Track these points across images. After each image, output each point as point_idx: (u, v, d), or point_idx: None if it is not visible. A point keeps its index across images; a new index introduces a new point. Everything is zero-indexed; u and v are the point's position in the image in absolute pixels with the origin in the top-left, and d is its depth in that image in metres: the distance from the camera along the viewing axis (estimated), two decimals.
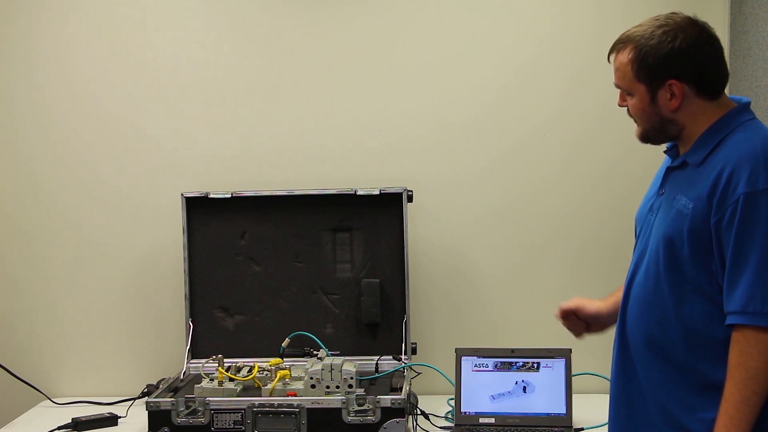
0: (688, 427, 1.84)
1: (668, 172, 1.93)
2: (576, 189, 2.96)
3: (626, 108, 1.94)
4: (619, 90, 1.94)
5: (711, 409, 1.79)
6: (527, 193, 2.99)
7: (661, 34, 1.83)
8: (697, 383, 1.83)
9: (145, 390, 2.91)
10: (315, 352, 2.76)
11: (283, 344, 2.76)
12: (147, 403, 2.53)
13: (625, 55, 1.87)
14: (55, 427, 2.67)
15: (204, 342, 2.91)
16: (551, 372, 2.60)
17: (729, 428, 1.74)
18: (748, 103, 1.88)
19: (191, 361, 2.88)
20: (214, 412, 2.50)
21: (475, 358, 2.64)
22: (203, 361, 2.77)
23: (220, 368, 2.64)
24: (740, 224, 1.73)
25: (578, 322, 2.16)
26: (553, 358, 2.60)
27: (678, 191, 1.86)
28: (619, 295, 2.05)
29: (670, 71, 1.82)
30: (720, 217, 1.75)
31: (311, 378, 2.57)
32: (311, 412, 2.49)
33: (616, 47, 1.90)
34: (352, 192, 2.88)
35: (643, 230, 1.95)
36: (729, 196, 1.75)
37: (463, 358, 2.64)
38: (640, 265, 1.92)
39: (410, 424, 2.57)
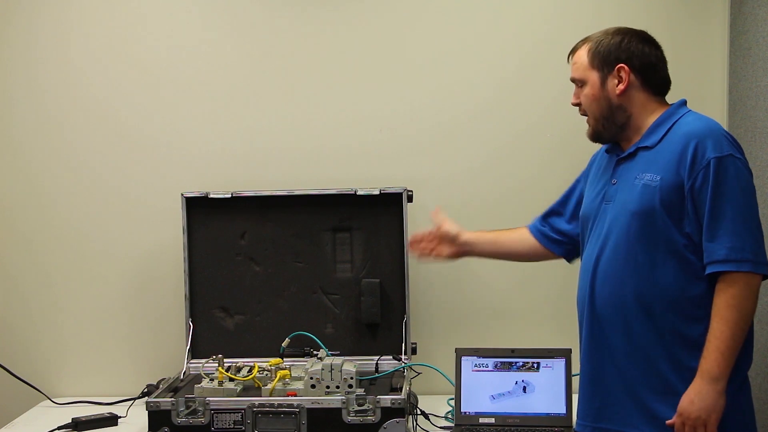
0: (675, 387, 2.01)
1: (618, 163, 2.15)
2: None
3: (579, 107, 2.18)
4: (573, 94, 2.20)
5: (696, 360, 1.99)
6: (527, 192, 2.99)
7: (615, 33, 2.14)
8: (677, 341, 2.02)
9: (145, 390, 2.91)
10: (315, 352, 2.76)
11: (283, 344, 2.76)
12: (147, 403, 2.53)
13: (583, 50, 2.15)
14: (55, 427, 2.67)
15: (204, 342, 2.91)
16: (551, 372, 2.60)
17: (720, 363, 1.94)
18: (685, 101, 2.16)
19: (191, 361, 2.88)
20: (214, 412, 2.50)
21: (475, 358, 2.64)
22: (203, 361, 2.77)
23: (220, 368, 2.64)
24: (714, 184, 1.96)
25: (430, 242, 2.49)
26: (553, 358, 2.60)
27: (638, 171, 2.07)
28: (490, 236, 2.49)
29: (620, 57, 2.10)
30: (693, 181, 1.98)
31: (311, 378, 2.57)
32: (311, 412, 2.49)
33: (576, 47, 2.18)
34: (352, 192, 2.88)
35: (597, 220, 2.15)
36: (698, 162, 1.97)
37: (463, 358, 2.64)
38: (605, 247, 2.10)
39: (410, 424, 2.57)
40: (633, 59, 2.09)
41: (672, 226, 2.00)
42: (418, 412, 2.68)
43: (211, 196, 2.89)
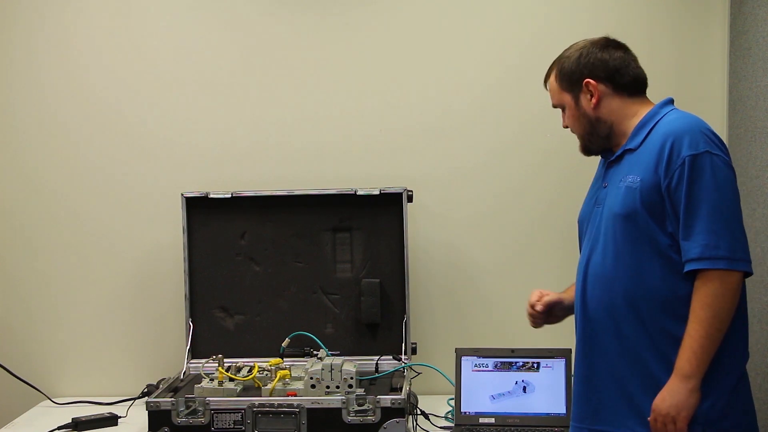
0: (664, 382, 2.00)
1: (608, 167, 2.16)
2: (577, 186, 2.95)
3: (570, 129, 2.19)
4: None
5: None
6: (527, 192, 2.99)
7: (575, 51, 2.15)
8: (667, 341, 2.00)
9: (145, 390, 2.91)
10: (315, 352, 2.76)
11: (283, 344, 2.76)
12: (147, 403, 2.53)
13: (552, 77, 2.18)
14: (55, 427, 2.67)
15: (204, 342, 2.91)
16: (551, 372, 2.60)
17: (692, 361, 1.94)
18: (672, 100, 2.14)
19: (191, 361, 2.88)
20: (214, 412, 2.50)
21: (475, 358, 2.64)
22: (203, 361, 2.77)
23: (220, 368, 2.64)
24: (689, 182, 1.95)
25: (541, 313, 2.34)
26: (553, 358, 2.60)
27: (623, 174, 2.07)
28: (573, 290, 2.27)
29: (583, 73, 2.12)
30: (669, 181, 1.97)
31: (311, 378, 2.57)
32: (311, 412, 2.49)
33: (547, 74, 2.20)
34: (352, 192, 2.88)
35: (591, 223, 2.16)
36: (674, 161, 1.97)
37: (463, 358, 2.64)
38: (594, 250, 2.11)
39: (410, 424, 2.57)
40: (595, 71, 2.10)
41: (655, 227, 2.00)
42: (418, 412, 2.68)
43: (211, 196, 2.89)
